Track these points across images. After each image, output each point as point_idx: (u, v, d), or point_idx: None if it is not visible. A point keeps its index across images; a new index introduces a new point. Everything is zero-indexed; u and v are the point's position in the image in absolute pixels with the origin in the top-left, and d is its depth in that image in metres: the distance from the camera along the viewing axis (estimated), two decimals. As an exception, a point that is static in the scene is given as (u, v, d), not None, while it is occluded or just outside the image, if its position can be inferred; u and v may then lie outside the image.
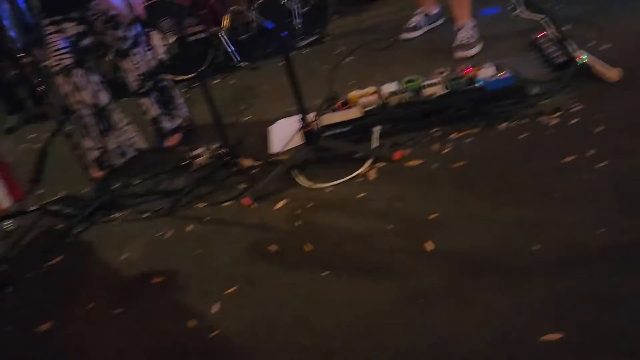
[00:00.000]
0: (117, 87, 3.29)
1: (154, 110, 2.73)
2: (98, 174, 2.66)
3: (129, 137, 2.73)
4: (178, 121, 2.80)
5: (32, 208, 2.48)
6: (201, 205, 2.28)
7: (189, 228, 2.14)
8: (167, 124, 2.77)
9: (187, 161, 2.53)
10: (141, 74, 2.63)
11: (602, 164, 1.75)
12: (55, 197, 2.60)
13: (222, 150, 2.46)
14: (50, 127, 3.73)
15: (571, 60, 2.28)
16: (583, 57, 2.25)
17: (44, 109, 4.04)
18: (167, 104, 2.75)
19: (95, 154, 2.66)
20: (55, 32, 2.47)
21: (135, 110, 2.85)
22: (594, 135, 1.90)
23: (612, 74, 2.12)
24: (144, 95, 2.69)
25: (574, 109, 2.06)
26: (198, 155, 2.52)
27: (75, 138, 2.53)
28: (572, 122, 2.01)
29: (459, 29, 2.84)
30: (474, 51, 2.76)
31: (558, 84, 2.22)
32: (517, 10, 3.10)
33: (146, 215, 2.32)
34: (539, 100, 2.17)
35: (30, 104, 4.11)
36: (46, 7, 2.47)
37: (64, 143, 2.60)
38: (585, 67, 2.23)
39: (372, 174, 2.11)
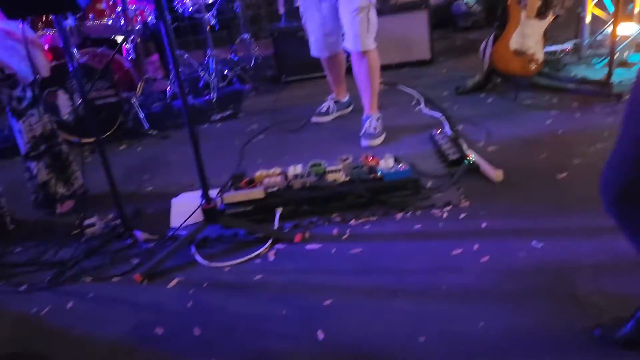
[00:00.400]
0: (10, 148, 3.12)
1: (44, 175, 2.56)
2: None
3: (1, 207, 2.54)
4: (72, 187, 2.65)
5: None
6: (88, 279, 2.13)
7: (70, 305, 1.98)
8: (60, 190, 2.61)
9: (78, 230, 2.38)
10: (35, 136, 2.49)
11: (485, 259, 1.86)
12: None
13: (117, 221, 2.35)
14: None
15: (463, 158, 2.46)
16: (472, 156, 2.45)
17: None
18: (61, 169, 2.60)
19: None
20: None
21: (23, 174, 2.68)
22: (479, 230, 2.04)
23: (496, 174, 2.32)
24: (35, 158, 2.53)
25: (463, 205, 2.21)
26: (90, 225, 2.38)
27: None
28: (461, 216, 2.14)
29: (366, 119, 3.00)
30: (378, 141, 2.91)
31: (450, 179, 2.38)
32: (419, 106, 3.34)
33: (23, 288, 2.12)
34: (433, 194, 2.30)
35: None
36: None
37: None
38: (474, 166, 2.41)
39: (272, 255, 2.10)
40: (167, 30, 1.86)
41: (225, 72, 4.47)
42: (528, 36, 3.01)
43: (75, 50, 3.63)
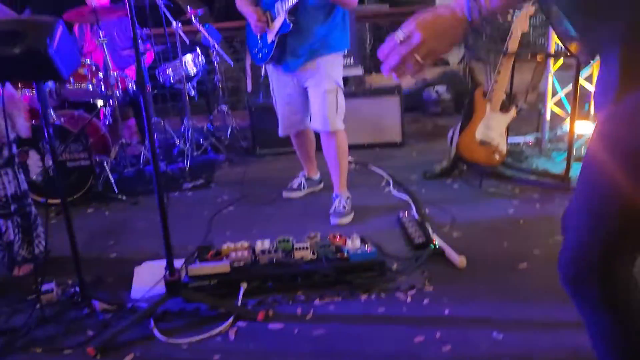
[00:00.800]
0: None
1: (11, 235, 2.51)
2: None
3: None
4: (35, 250, 2.58)
5: None
6: (38, 350, 2.03)
7: (15, 378, 1.88)
8: (21, 252, 2.55)
9: (34, 296, 2.30)
10: (6, 195, 2.46)
11: (446, 348, 1.87)
12: None
13: (76, 288, 2.29)
14: None
15: (428, 242, 2.51)
16: (437, 241, 2.50)
17: None
18: (26, 231, 2.55)
19: None
20: None
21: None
22: (442, 318, 2.05)
23: (460, 260, 2.37)
24: (4, 217, 2.48)
25: (427, 289, 2.23)
26: (48, 291, 2.31)
27: None
28: (425, 301, 2.16)
29: (335, 197, 3.06)
30: (346, 220, 2.96)
31: (415, 262, 2.42)
32: (389, 188, 3.43)
33: (-35, 356, 2.02)
34: (398, 276, 2.33)
35: None
36: None
37: None
38: (439, 251, 2.47)
39: (232, 333, 2.06)
40: (145, 99, 1.92)
41: (200, 141, 4.54)
42: (492, 128, 3.18)
43: (52, 112, 3.65)
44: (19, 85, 3.59)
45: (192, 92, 4.52)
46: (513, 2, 1.28)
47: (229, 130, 5.01)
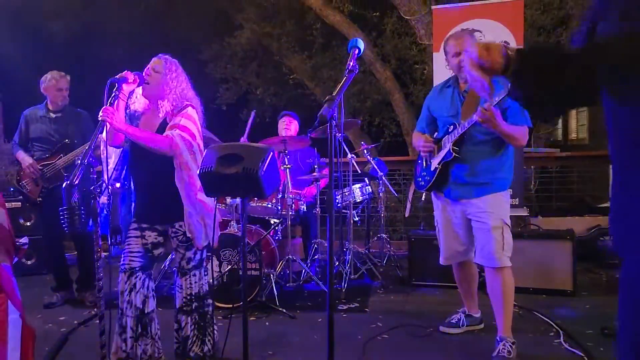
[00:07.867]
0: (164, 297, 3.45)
1: (188, 330, 2.75)
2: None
3: (156, 349, 2.75)
4: (205, 348, 2.78)
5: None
6: None
7: None
8: (194, 348, 2.75)
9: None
10: (191, 294, 2.75)
11: None
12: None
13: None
14: (81, 316, 3.82)
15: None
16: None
17: (84, 296, 4.16)
18: (202, 329, 2.78)
19: (121, 355, 2.66)
20: (136, 236, 2.71)
21: (170, 323, 2.90)
22: None
23: None
24: (186, 313, 2.76)
25: None
26: (211, 390, 2.44)
27: (104, 337, 2.49)
28: None
29: (500, 341, 2.86)
30: (511, 367, 2.73)
31: None
32: (559, 340, 3.12)
33: None
34: None
35: (75, 288, 4.26)
36: (138, 215, 2.77)
37: (86, 335, 2.59)
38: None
39: None
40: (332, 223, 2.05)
41: (357, 265, 4.66)
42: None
43: (234, 224, 4.10)
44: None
45: (356, 218, 4.76)
46: None
47: (386, 258, 5.10)
